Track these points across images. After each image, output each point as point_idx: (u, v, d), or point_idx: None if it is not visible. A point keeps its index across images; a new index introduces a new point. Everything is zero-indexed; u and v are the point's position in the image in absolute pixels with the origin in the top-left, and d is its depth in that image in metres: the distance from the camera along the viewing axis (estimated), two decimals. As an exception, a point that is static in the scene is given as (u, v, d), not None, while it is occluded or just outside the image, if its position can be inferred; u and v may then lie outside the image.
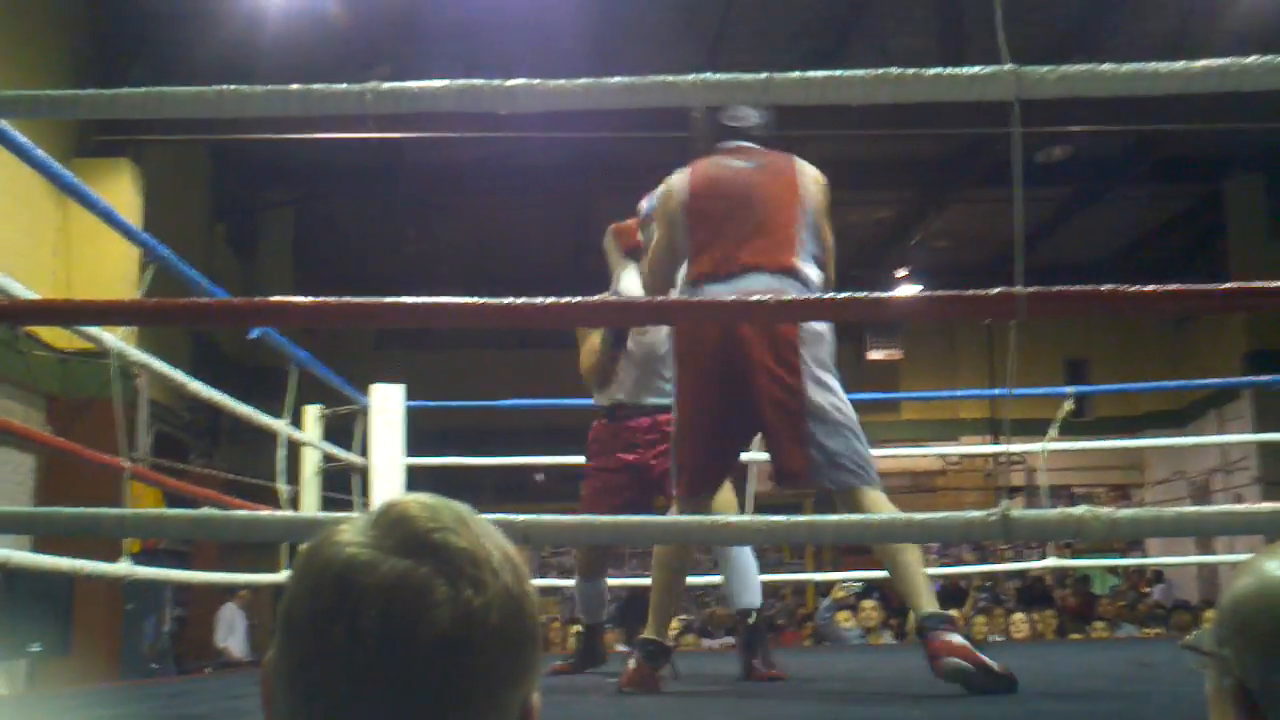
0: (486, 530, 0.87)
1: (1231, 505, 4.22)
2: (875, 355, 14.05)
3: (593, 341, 4.48)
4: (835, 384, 3.26)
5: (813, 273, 3.35)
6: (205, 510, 2.90)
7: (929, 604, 3.03)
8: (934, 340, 14.61)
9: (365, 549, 0.83)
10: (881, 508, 3.12)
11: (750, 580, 3.98)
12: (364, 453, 5.85)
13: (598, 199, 11.87)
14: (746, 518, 2.51)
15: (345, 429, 6.13)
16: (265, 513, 2.29)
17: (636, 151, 10.48)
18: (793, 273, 3.30)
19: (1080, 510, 2.49)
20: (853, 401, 3.32)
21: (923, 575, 3.11)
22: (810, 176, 3.53)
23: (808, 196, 3.46)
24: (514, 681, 0.84)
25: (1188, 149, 11.07)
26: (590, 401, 4.75)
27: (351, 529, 0.85)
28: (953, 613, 8.58)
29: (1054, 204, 12.02)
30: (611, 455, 4.48)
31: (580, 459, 6.62)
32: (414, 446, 5.82)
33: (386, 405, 5.75)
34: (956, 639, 2.90)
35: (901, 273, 13.62)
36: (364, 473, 5.82)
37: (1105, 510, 2.49)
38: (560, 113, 8.11)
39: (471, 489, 12.85)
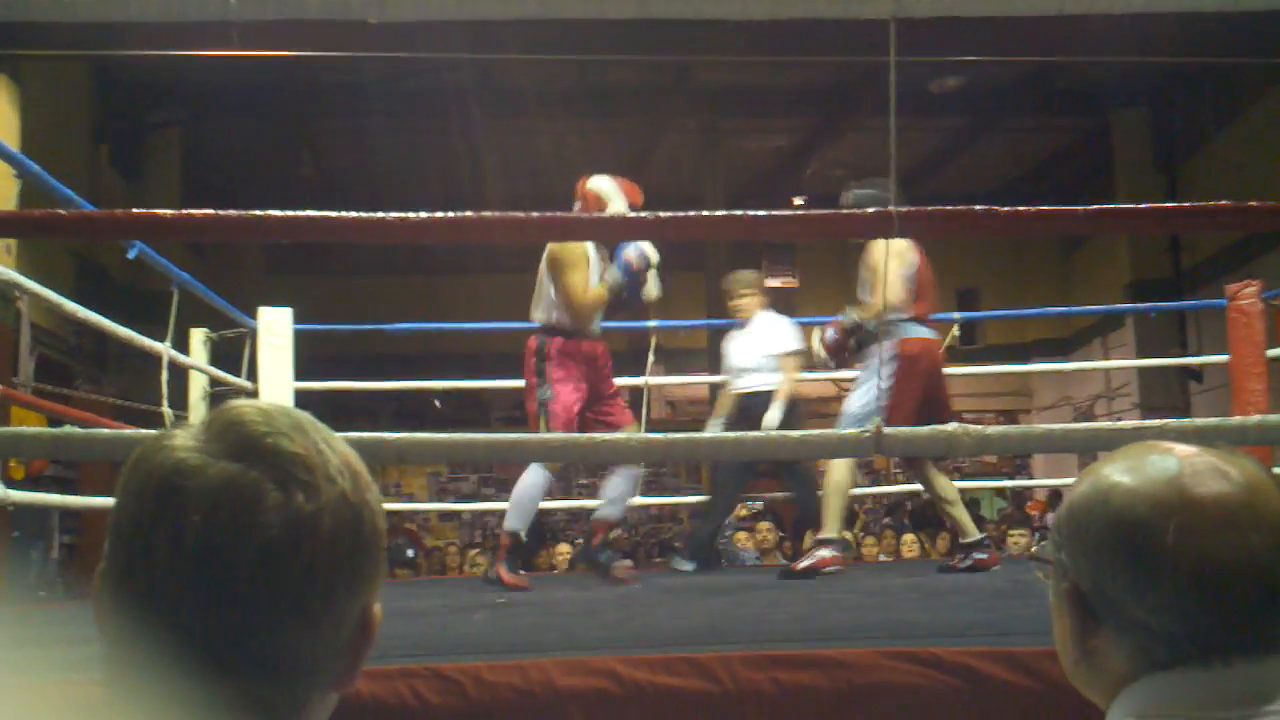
0: (326, 438, 0.85)
1: (1098, 424, 4.37)
2: (772, 282, 14.18)
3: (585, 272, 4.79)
4: None
5: None
6: (66, 428, 2.83)
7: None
8: (829, 268, 14.79)
9: (194, 453, 0.81)
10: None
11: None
12: (252, 377, 5.77)
13: (489, 123, 11.75)
14: (626, 435, 2.54)
15: (236, 354, 6.03)
16: (129, 431, 2.25)
17: (526, 75, 10.39)
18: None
19: (951, 427, 2.56)
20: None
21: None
22: None
23: None
24: (350, 590, 0.83)
25: (1076, 82, 11.25)
26: (470, 325, 5.01)
27: (184, 434, 0.83)
28: (845, 534, 8.84)
29: (946, 134, 12.17)
30: (590, 371, 4.83)
31: (470, 383, 6.59)
32: (311, 373, 5.75)
33: (274, 329, 5.66)
34: None
35: (798, 201, 13.72)
36: (252, 397, 5.75)
37: (975, 427, 2.57)
38: (451, 35, 8.02)
39: (369, 414, 12.83)
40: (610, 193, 4.79)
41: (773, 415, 5.85)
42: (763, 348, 6.13)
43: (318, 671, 0.82)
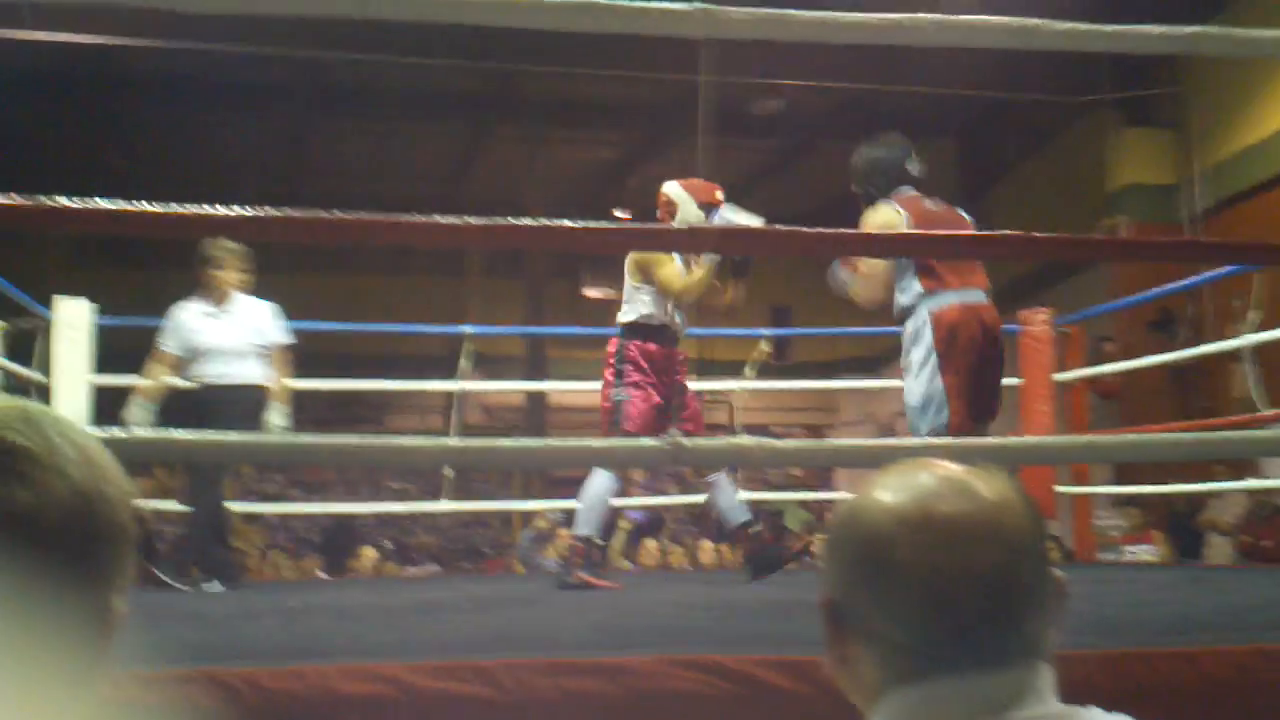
0: (63, 431, 0.83)
1: (888, 440, 4.53)
2: (593, 293, 14.20)
3: (674, 265, 4.58)
4: None
5: None
6: None
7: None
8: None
9: None
10: None
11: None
12: (46, 370, 5.55)
13: (312, 121, 11.54)
14: (430, 440, 2.53)
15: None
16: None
17: (351, 74, 10.24)
18: (986, 289, 4.19)
19: (745, 439, 2.62)
20: (568, 336, 3.52)
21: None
22: (970, 221, 4.54)
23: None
24: (81, 584, 0.81)
25: (892, 109, 11.61)
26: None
27: None
28: (649, 542, 8.90)
29: (766, 154, 12.43)
30: (666, 375, 4.67)
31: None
32: (126, 367, 5.50)
33: (72, 320, 5.47)
34: None
35: (622, 214, 13.81)
36: (43, 391, 5.52)
37: (768, 440, 2.64)
38: (274, 30, 7.84)
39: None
40: (678, 196, 4.68)
41: (278, 418, 5.14)
42: (250, 335, 5.28)
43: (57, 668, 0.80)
